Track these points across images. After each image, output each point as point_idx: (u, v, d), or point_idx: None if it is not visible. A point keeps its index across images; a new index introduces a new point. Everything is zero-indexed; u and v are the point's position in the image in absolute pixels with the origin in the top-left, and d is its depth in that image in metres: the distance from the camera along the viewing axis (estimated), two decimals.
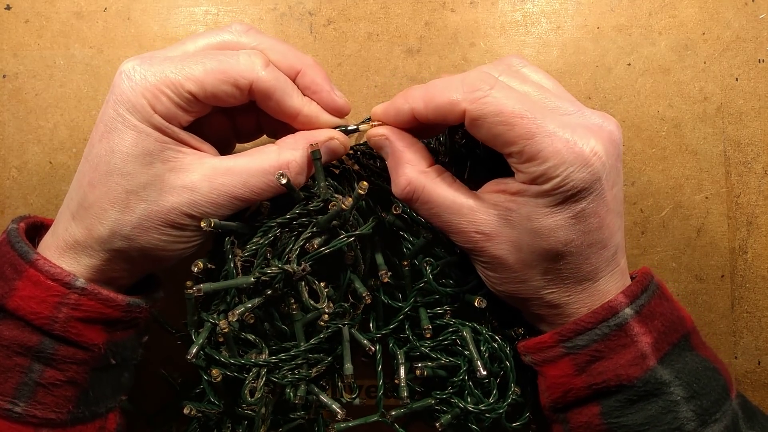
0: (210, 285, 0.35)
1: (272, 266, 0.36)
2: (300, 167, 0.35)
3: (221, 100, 0.34)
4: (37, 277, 0.33)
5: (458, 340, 0.38)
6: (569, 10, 0.46)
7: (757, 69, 0.46)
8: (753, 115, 0.46)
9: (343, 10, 0.46)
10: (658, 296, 0.35)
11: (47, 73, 0.46)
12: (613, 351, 0.33)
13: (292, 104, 0.36)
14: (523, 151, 0.32)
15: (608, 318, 0.33)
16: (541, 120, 0.32)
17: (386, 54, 0.46)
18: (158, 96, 0.33)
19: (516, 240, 0.34)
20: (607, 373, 0.33)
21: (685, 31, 0.46)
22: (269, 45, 0.36)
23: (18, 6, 0.46)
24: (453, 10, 0.46)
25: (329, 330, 0.37)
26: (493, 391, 0.38)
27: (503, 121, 0.32)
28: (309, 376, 0.37)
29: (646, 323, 0.34)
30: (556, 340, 0.35)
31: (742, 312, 0.45)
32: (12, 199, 0.45)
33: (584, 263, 0.34)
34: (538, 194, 0.33)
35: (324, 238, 0.37)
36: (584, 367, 0.34)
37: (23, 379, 0.32)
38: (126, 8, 0.46)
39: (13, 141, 0.46)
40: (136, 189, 0.33)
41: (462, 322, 0.39)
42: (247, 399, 0.36)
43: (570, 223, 0.33)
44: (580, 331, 0.34)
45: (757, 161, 0.45)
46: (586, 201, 0.32)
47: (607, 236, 0.34)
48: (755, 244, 0.45)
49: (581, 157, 0.31)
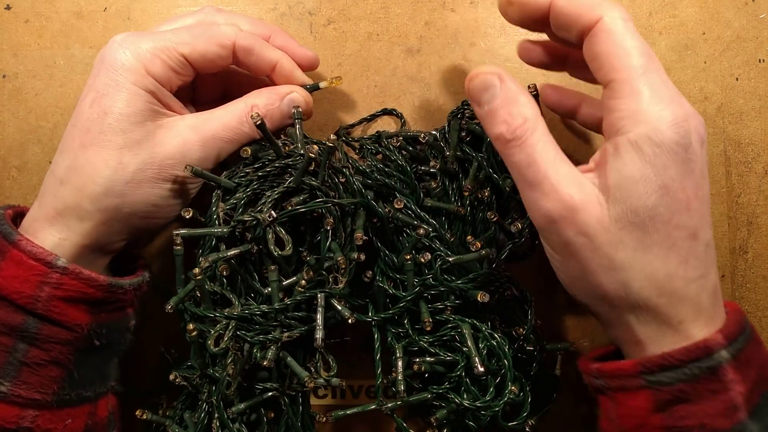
0: (188, 231, 0.36)
1: (246, 215, 0.37)
2: (264, 109, 0.39)
3: (210, 61, 0.38)
4: (20, 256, 0.33)
5: (457, 336, 0.38)
6: None
7: (758, 69, 0.45)
8: (753, 115, 0.46)
9: (343, 10, 0.46)
10: (754, 341, 0.32)
11: (47, 73, 0.46)
12: (700, 396, 0.30)
13: (271, 55, 0.39)
14: (624, 84, 0.31)
15: (702, 358, 0.30)
16: (653, 66, 0.31)
17: (386, 54, 0.46)
18: (153, 60, 0.36)
19: (602, 216, 0.31)
20: (691, 419, 0.30)
21: (686, 30, 0.46)
22: (240, 20, 0.40)
23: (18, 6, 0.46)
24: (453, 10, 0.46)
25: (306, 294, 0.37)
26: (490, 389, 0.38)
27: (623, 47, 0.31)
28: (279, 339, 0.37)
29: (741, 371, 0.30)
30: (638, 370, 0.31)
31: None
32: (12, 199, 0.45)
33: (673, 251, 0.31)
34: (625, 148, 0.30)
35: (302, 198, 0.37)
36: (665, 407, 0.30)
37: (8, 359, 0.32)
38: (126, 8, 0.46)
39: (13, 141, 0.46)
40: (129, 145, 0.35)
41: (462, 318, 0.39)
42: (211, 348, 0.36)
43: (659, 193, 0.30)
44: (667, 366, 0.30)
45: (757, 161, 0.45)
46: (675, 169, 0.30)
47: (696, 224, 0.31)
48: (756, 244, 0.45)
49: (676, 115, 0.30)
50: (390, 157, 0.41)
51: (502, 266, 0.40)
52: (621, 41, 0.31)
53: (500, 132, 0.33)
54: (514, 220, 0.39)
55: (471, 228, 0.40)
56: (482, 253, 0.38)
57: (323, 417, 0.38)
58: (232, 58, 0.38)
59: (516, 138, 0.32)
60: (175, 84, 0.38)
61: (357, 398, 0.45)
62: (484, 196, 0.39)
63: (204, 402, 0.38)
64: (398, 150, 0.41)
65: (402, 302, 0.39)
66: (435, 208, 0.40)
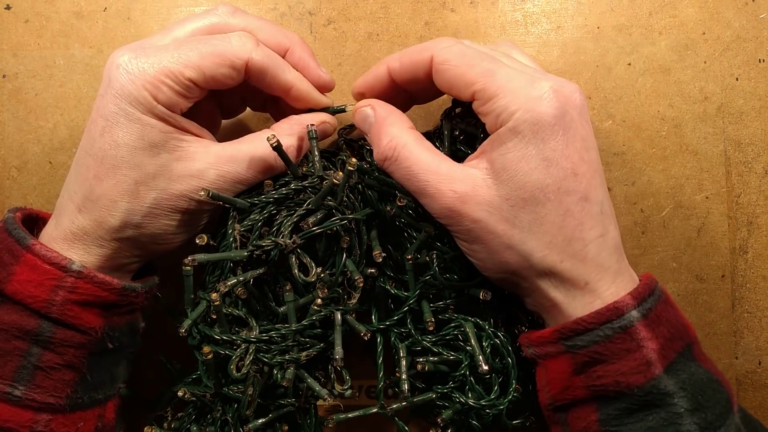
0: (204, 256, 0.36)
1: (265, 240, 0.36)
2: (296, 151, 0.38)
3: (219, 83, 0.36)
4: (34, 261, 0.33)
5: (460, 335, 0.38)
6: (569, 10, 0.46)
7: (758, 69, 0.45)
8: (753, 115, 0.46)
9: (343, 10, 0.46)
10: (664, 301, 0.33)
11: (47, 73, 0.46)
12: (615, 355, 0.32)
13: (286, 79, 0.37)
14: (484, 88, 0.33)
15: (613, 319, 0.32)
16: (501, 64, 0.34)
17: (386, 54, 0.46)
18: (159, 86, 0.34)
19: (492, 199, 0.33)
20: (607, 378, 0.32)
21: (686, 30, 0.46)
22: (257, 25, 0.38)
23: (18, 6, 0.46)
24: (453, 10, 0.46)
25: (322, 314, 0.37)
26: (495, 387, 0.38)
27: (466, 63, 0.34)
28: (298, 359, 0.37)
29: (652, 328, 0.32)
30: (556, 337, 0.33)
31: (742, 312, 0.45)
32: (12, 199, 0.45)
33: (568, 217, 0.33)
34: (506, 135, 0.33)
35: (319, 217, 0.37)
36: (583, 368, 0.32)
37: (22, 363, 0.32)
38: (126, 8, 0.46)
39: (13, 141, 0.46)
40: (145, 179, 0.34)
41: (465, 317, 0.39)
42: (233, 373, 0.36)
43: (542, 166, 0.32)
44: (581, 330, 0.32)
45: (757, 161, 0.45)
46: (555, 140, 0.32)
47: (585, 187, 0.33)
48: (756, 244, 0.45)
49: (542, 90, 0.33)
50: None
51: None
52: (460, 61, 0.35)
53: (376, 155, 0.37)
54: None
55: None
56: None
57: (330, 423, 0.38)
58: (243, 77, 0.36)
59: (388, 158, 0.36)
60: (185, 106, 0.36)
61: (357, 398, 0.45)
62: None
63: (218, 419, 0.38)
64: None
65: (405, 304, 0.39)
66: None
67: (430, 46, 0.36)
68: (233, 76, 0.36)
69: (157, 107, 0.34)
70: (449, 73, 0.35)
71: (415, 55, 0.36)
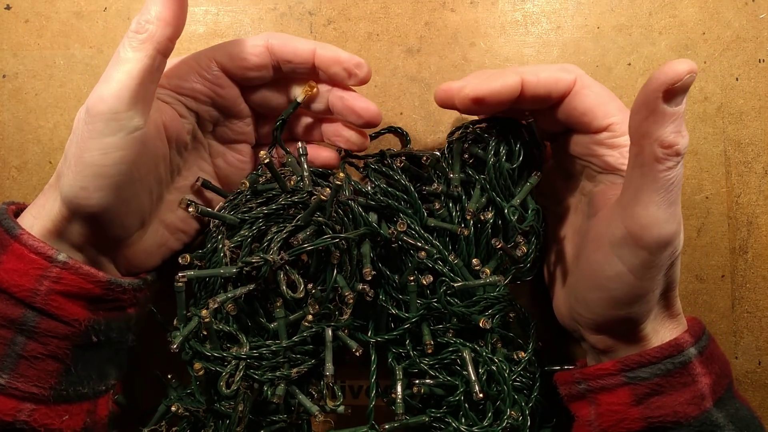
0: (195, 272, 0.36)
1: (254, 257, 0.36)
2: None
3: (249, 64, 0.38)
4: (21, 250, 0.33)
5: (458, 359, 0.38)
6: (569, 10, 0.46)
7: (758, 69, 0.45)
8: (753, 115, 0.46)
9: (343, 10, 0.46)
10: (713, 341, 0.36)
11: (47, 73, 0.46)
12: (673, 388, 0.34)
13: (304, 45, 0.38)
14: (622, 122, 0.35)
15: (674, 354, 0.34)
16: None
17: (386, 54, 0.46)
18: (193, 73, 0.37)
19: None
20: (665, 409, 0.34)
21: (685, 31, 0.46)
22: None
23: (18, 6, 0.46)
24: (453, 10, 0.46)
25: (312, 330, 0.37)
26: (489, 414, 0.38)
27: (606, 94, 0.36)
28: (289, 375, 0.37)
29: (706, 365, 0.34)
30: (618, 368, 0.35)
31: (742, 312, 0.45)
32: (12, 198, 0.45)
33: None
34: (609, 246, 0.34)
35: (308, 234, 0.37)
36: (642, 399, 0.34)
37: (6, 351, 0.33)
38: (126, 8, 0.46)
39: (13, 141, 0.46)
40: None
41: (463, 342, 0.38)
42: (223, 390, 0.36)
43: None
44: (645, 363, 0.34)
45: (757, 161, 0.45)
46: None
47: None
48: (756, 244, 0.45)
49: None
50: (393, 177, 0.40)
51: (506, 289, 0.39)
52: (600, 90, 0.36)
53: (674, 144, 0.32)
54: (517, 244, 0.38)
55: (475, 249, 0.39)
56: (490, 280, 0.38)
57: None
58: (269, 58, 0.38)
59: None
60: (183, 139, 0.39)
61: (357, 398, 0.45)
62: (486, 218, 0.39)
63: None
64: (401, 170, 0.40)
65: (405, 324, 0.38)
66: (438, 229, 0.39)
67: (570, 68, 0.36)
68: (258, 54, 0.38)
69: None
70: (590, 100, 0.35)
71: (556, 73, 0.36)
